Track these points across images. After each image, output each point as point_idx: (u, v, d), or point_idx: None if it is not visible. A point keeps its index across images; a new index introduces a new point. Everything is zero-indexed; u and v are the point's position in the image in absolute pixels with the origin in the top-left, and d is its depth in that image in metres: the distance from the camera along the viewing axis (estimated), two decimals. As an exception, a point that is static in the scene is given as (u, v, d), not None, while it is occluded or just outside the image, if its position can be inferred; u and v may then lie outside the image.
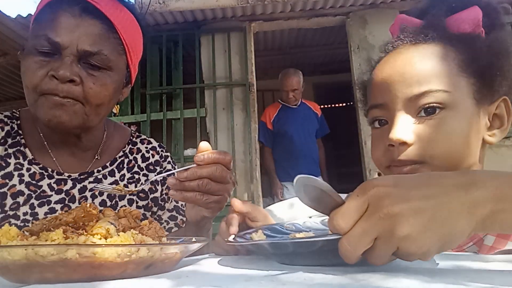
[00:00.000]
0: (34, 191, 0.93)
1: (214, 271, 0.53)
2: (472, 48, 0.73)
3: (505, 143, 4.53)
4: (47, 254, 0.43)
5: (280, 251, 0.53)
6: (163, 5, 4.11)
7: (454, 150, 0.69)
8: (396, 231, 0.40)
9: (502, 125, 0.76)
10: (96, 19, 0.88)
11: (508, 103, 0.76)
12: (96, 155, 1.02)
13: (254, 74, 4.39)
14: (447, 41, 0.75)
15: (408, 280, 0.41)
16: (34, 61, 0.85)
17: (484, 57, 0.73)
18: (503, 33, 0.77)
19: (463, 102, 0.71)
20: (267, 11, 4.34)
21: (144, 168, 1.07)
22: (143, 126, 4.40)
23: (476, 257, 0.61)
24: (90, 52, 0.86)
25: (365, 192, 0.43)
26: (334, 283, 0.40)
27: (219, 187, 0.74)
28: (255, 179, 4.08)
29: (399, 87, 0.73)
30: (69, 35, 0.85)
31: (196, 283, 0.44)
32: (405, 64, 0.74)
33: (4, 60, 4.56)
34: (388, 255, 0.42)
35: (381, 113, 0.77)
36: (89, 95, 0.87)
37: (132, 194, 1.03)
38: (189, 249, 0.56)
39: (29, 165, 0.95)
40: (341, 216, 0.43)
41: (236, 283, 0.43)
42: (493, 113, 0.75)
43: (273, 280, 0.42)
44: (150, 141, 1.13)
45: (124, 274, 0.47)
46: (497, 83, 0.73)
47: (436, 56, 0.73)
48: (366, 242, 0.42)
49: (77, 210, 0.56)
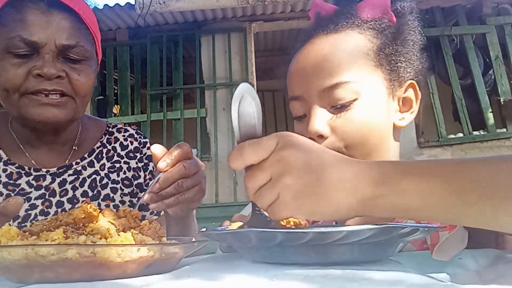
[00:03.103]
0: (12, 190, 0.93)
1: (214, 270, 0.53)
2: (380, 36, 0.76)
3: (505, 144, 4.54)
4: (47, 254, 0.43)
5: (267, 242, 0.49)
6: (163, 6, 4.11)
7: (368, 138, 0.73)
8: (283, 177, 0.46)
9: (410, 108, 0.79)
10: (64, 12, 0.88)
11: (416, 87, 0.79)
12: (74, 146, 1.02)
13: (254, 75, 4.40)
14: (358, 29, 0.77)
15: (407, 274, 0.41)
16: (11, 63, 0.83)
17: (392, 45, 0.75)
18: (410, 18, 0.79)
19: (374, 90, 0.74)
20: (268, 11, 4.34)
21: (124, 156, 1.07)
22: (143, 126, 4.40)
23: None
24: (69, 45, 0.86)
25: (280, 139, 0.48)
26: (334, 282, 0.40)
27: (192, 180, 0.74)
28: (255, 179, 4.08)
29: (312, 79, 0.74)
30: (44, 32, 0.84)
31: (196, 283, 0.44)
32: (317, 55, 0.75)
33: None
34: (269, 198, 0.48)
35: (299, 105, 0.77)
36: (77, 87, 0.87)
37: (115, 182, 1.03)
38: (189, 249, 0.56)
39: (5, 166, 0.94)
40: (252, 146, 0.48)
41: (236, 283, 0.43)
42: (402, 97, 0.78)
43: (273, 280, 0.43)
44: (127, 129, 1.13)
45: (124, 274, 0.47)
46: (403, 69, 0.76)
47: (346, 45, 0.75)
48: (260, 176, 0.48)
49: (77, 211, 0.56)
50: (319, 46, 0.76)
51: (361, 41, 0.76)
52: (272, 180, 0.47)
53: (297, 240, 0.46)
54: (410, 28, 0.79)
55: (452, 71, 4.76)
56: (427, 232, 0.50)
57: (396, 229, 0.46)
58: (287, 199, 0.47)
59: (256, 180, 0.49)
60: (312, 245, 0.47)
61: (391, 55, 0.76)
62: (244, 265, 0.55)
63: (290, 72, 0.80)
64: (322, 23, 0.79)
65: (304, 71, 0.76)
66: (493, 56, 4.77)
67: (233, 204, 4.00)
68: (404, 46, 0.77)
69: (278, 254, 0.50)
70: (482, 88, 4.72)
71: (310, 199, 0.47)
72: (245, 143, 0.49)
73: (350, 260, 0.48)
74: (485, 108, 4.68)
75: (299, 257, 0.49)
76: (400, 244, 0.53)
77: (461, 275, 0.54)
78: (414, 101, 0.79)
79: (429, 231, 0.50)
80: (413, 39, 0.79)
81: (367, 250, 0.49)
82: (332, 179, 0.46)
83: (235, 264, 0.58)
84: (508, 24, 4.87)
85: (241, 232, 0.51)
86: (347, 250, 0.48)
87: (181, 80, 4.51)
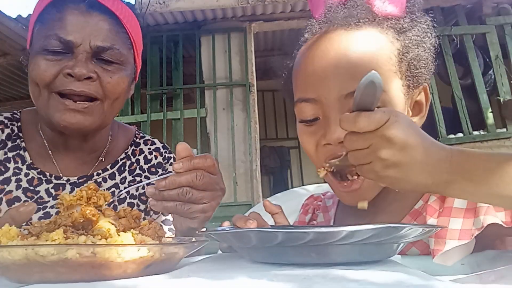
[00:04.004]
0: (31, 197, 0.91)
1: (214, 270, 0.53)
2: (402, 38, 0.71)
3: (505, 144, 4.54)
4: (47, 254, 0.43)
5: (267, 242, 0.48)
6: (163, 5, 4.11)
7: None
8: (381, 150, 0.52)
9: (420, 112, 0.76)
10: (103, 14, 0.88)
11: (427, 90, 0.76)
12: (101, 157, 1.00)
13: (254, 75, 4.40)
14: (379, 27, 0.71)
15: (407, 275, 0.41)
16: (46, 59, 0.84)
17: (413, 49, 0.71)
18: (427, 18, 0.74)
19: (395, 98, 0.69)
20: (267, 11, 4.34)
21: (146, 170, 1.04)
22: (143, 126, 4.40)
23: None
24: (103, 47, 0.86)
25: (391, 117, 0.51)
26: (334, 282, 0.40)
27: (202, 195, 0.69)
28: (255, 179, 4.08)
29: (333, 83, 0.67)
30: (80, 32, 0.84)
31: (196, 283, 0.44)
32: (339, 55, 0.68)
33: (4, 60, 4.56)
34: (362, 161, 0.54)
35: (311, 108, 0.70)
36: (107, 90, 0.86)
37: (132, 197, 1.01)
38: (189, 249, 0.56)
39: (28, 170, 0.93)
40: (367, 118, 0.51)
41: (236, 283, 0.43)
42: (414, 101, 0.75)
43: (273, 280, 0.42)
44: (154, 142, 1.10)
45: (124, 274, 0.47)
46: (422, 74, 0.73)
47: (371, 46, 0.69)
48: (361, 142, 0.53)
49: (76, 214, 0.56)
50: (339, 44, 0.69)
51: (384, 42, 0.70)
52: (370, 149, 0.52)
53: (297, 240, 0.46)
54: (428, 29, 0.74)
55: (452, 71, 4.75)
56: (427, 233, 0.50)
57: (397, 230, 0.46)
58: (376, 168, 0.53)
59: (356, 145, 0.54)
60: (312, 246, 0.47)
61: (412, 60, 0.71)
62: (244, 265, 0.55)
63: (301, 71, 0.73)
64: (337, 16, 0.72)
65: (322, 72, 0.68)
66: (493, 56, 4.76)
67: (233, 204, 4.00)
68: (425, 50, 0.72)
69: (278, 254, 0.50)
70: (482, 88, 4.72)
71: (395, 174, 0.53)
72: (361, 113, 0.51)
73: (350, 261, 0.48)
74: (485, 108, 4.67)
75: (299, 257, 0.49)
76: (401, 245, 0.53)
77: (461, 276, 0.54)
78: (425, 104, 0.76)
79: (429, 231, 0.50)
80: (431, 42, 0.74)
81: (368, 250, 0.49)
82: (417, 162, 0.52)
83: (235, 264, 0.58)
84: (508, 24, 4.86)
85: (241, 232, 0.51)
86: (348, 251, 0.48)
87: (181, 80, 4.51)
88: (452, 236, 0.62)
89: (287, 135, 6.94)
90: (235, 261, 0.61)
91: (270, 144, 6.77)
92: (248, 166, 4.12)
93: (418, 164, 0.52)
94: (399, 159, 0.52)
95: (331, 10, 0.74)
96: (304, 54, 0.73)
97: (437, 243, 0.62)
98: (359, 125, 0.51)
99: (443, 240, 0.62)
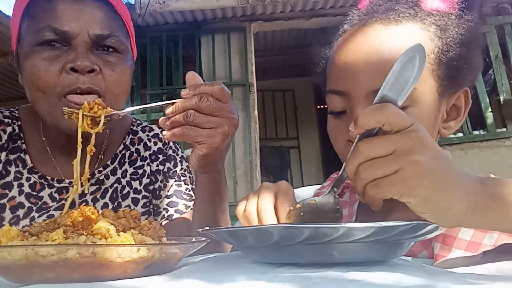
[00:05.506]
0: (35, 203, 0.88)
1: (214, 271, 0.53)
2: (444, 35, 0.67)
3: (505, 143, 4.54)
4: (47, 254, 0.43)
5: (264, 241, 0.47)
6: (163, 5, 4.11)
7: None
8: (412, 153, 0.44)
9: (458, 116, 0.72)
10: (97, 1, 0.82)
11: (468, 94, 0.71)
12: (100, 155, 0.96)
13: (254, 74, 4.40)
14: (420, 23, 0.67)
15: (408, 275, 0.41)
16: (42, 57, 0.77)
17: (456, 48, 0.67)
18: (475, 16, 0.69)
19: (427, 98, 0.66)
20: (267, 11, 4.34)
21: (148, 158, 1.01)
22: (143, 126, 4.41)
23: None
24: (103, 35, 0.80)
25: (414, 121, 0.46)
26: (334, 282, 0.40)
27: (207, 118, 0.68)
28: (255, 179, 4.08)
29: (363, 77, 0.65)
30: (76, 21, 0.78)
31: (196, 283, 0.44)
32: (372, 49, 0.66)
33: (4, 60, 4.56)
34: (384, 171, 0.45)
35: (340, 101, 0.69)
36: (110, 84, 0.81)
37: (136, 192, 0.98)
38: (189, 249, 0.56)
39: (29, 174, 0.90)
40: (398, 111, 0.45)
41: (237, 283, 0.43)
42: (452, 104, 0.71)
43: (273, 280, 0.42)
44: (152, 128, 1.05)
45: (124, 274, 0.47)
46: (462, 76, 0.68)
47: (406, 43, 0.64)
48: (384, 146, 0.45)
49: (76, 214, 0.56)
50: (375, 39, 0.66)
51: (423, 39, 0.66)
52: (396, 154, 0.44)
53: (294, 238, 0.46)
54: (476, 28, 0.69)
55: (452, 70, 4.75)
56: (428, 233, 0.50)
57: (397, 228, 0.45)
58: (408, 175, 0.44)
59: (377, 149, 0.45)
60: (311, 245, 0.47)
61: (452, 59, 0.66)
62: (244, 265, 0.55)
63: (335, 62, 0.70)
64: (379, 8, 0.69)
65: (353, 65, 0.66)
66: (493, 55, 4.76)
67: (233, 204, 3.99)
68: (469, 51, 0.67)
69: (278, 254, 0.50)
70: (482, 87, 4.72)
71: (431, 183, 0.44)
72: (390, 105, 0.46)
73: (350, 261, 0.48)
74: (485, 107, 4.68)
75: (299, 257, 0.49)
76: (404, 247, 0.52)
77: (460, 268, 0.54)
78: (463, 109, 0.71)
79: (430, 232, 0.49)
80: (478, 43, 0.69)
81: (368, 250, 0.49)
82: (455, 174, 0.46)
83: (235, 264, 0.58)
84: (508, 24, 4.87)
85: (238, 230, 0.51)
86: (348, 250, 0.48)
87: (181, 80, 4.51)
88: (459, 246, 0.60)
89: (287, 135, 6.94)
90: (235, 261, 0.61)
91: (270, 144, 6.77)
92: (248, 166, 4.12)
93: (455, 176, 0.45)
94: (436, 164, 0.44)
95: (374, 3, 0.71)
96: (339, 46, 0.72)
97: (443, 249, 0.61)
98: (389, 116, 0.45)
99: (449, 248, 0.60)
